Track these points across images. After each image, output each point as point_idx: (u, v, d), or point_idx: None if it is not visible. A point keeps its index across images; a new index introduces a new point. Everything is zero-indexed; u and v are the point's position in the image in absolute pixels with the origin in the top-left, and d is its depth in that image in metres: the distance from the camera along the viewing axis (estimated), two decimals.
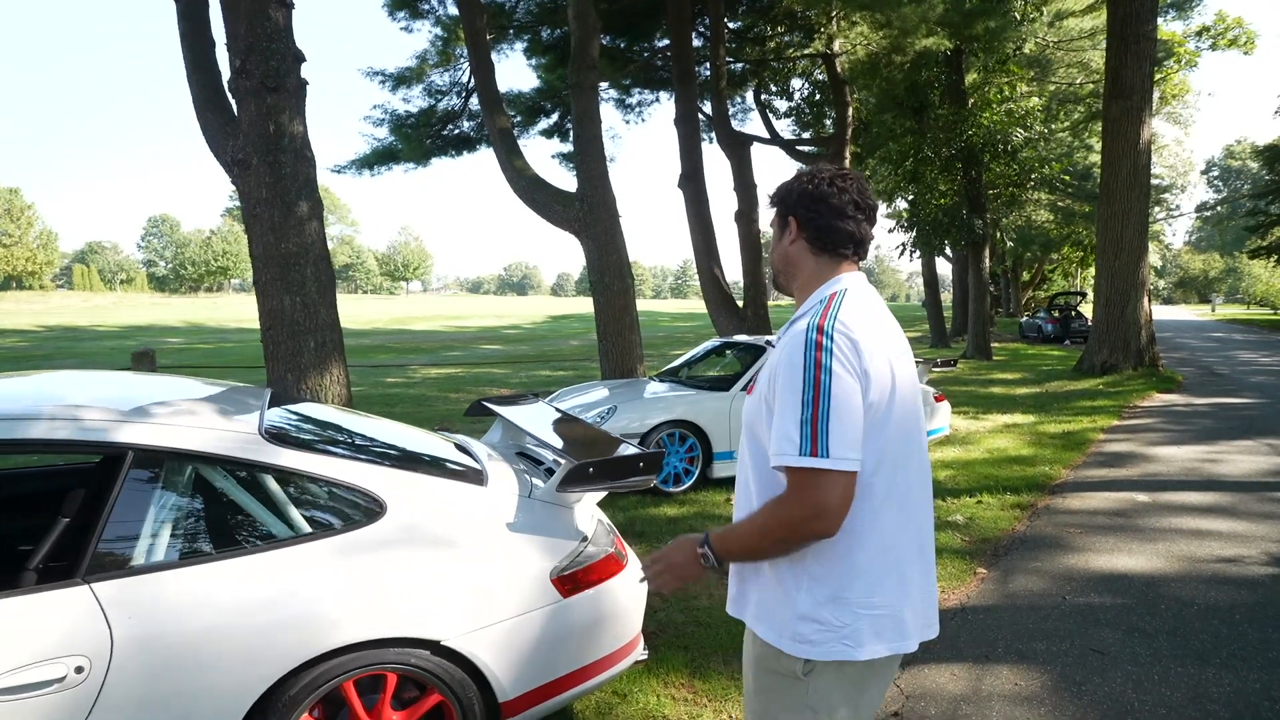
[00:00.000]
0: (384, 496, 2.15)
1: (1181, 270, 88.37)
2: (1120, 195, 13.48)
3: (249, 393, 2.64)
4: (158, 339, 24.79)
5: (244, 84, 5.62)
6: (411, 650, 2.00)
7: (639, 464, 2.41)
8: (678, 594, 3.72)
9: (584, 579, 2.32)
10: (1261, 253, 34.17)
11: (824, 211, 1.46)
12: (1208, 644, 3.16)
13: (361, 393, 12.04)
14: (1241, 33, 27.02)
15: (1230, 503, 5.29)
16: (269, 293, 5.66)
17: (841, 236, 1.46)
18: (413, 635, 1.98)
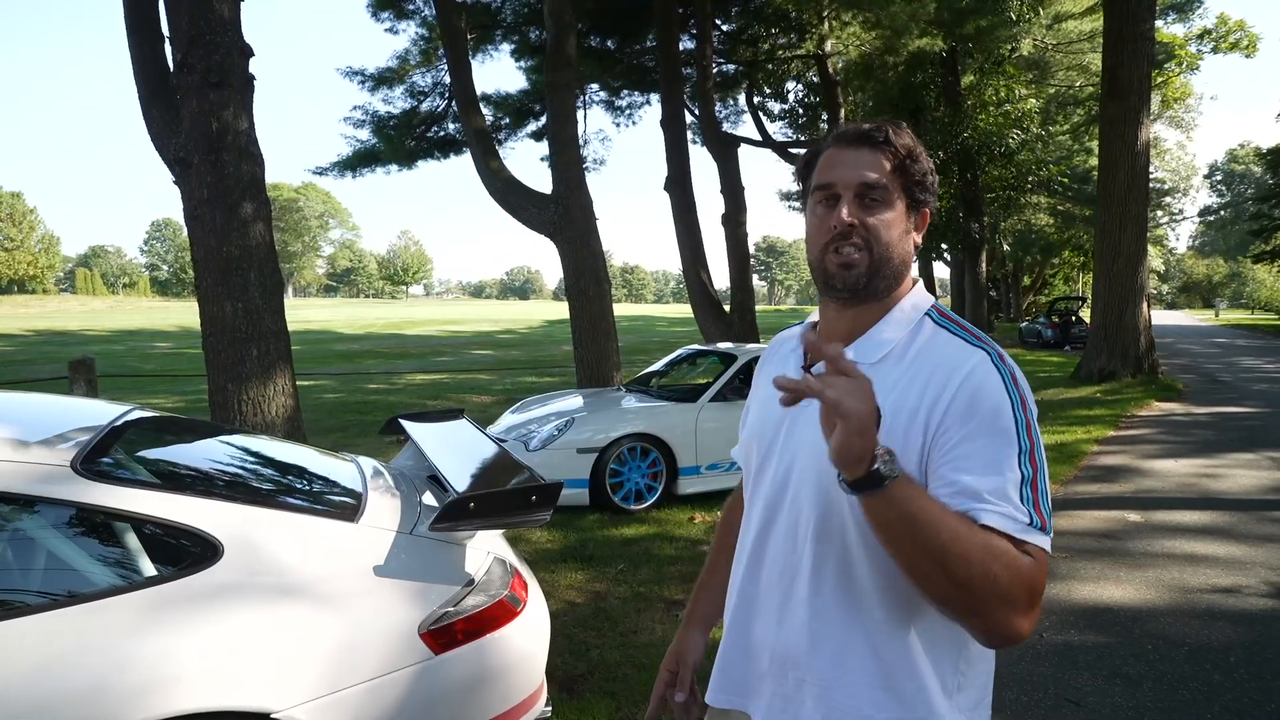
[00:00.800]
0: (220, 538, 1.83)
1: (1185, 275, 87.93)
2: (1118, 199, 13.14)
3: (104, 414, 2.33)
4: (146, 344, 24.55)
5: (186, 79, 5.35)
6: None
7: (531, 499, 2.09)
8: (621, 627, 3.40)
9: (463, 631, 2.00)
10: (1266, 257, 33.78)
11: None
12: (1199, 695, 2.82)
13: (338, 400, 11.75)
14: (1243, 35, 26.73)
15: (1228, 523, 4.95)
16: (210, 298, 5.37)
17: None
18: (233, 708, 1.66)
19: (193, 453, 2.39)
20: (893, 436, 0.94)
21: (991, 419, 0.93)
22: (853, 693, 0.99)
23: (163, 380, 14.43)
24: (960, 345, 1.01)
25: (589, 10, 13.62)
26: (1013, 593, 0.86)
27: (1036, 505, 0.91)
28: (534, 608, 2.27)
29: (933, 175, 1.09)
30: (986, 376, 0.96)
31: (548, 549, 4.53)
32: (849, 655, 1.00)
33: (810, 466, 1.03)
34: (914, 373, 1.00)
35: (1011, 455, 0.91)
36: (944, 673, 0.99)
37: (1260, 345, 24.53)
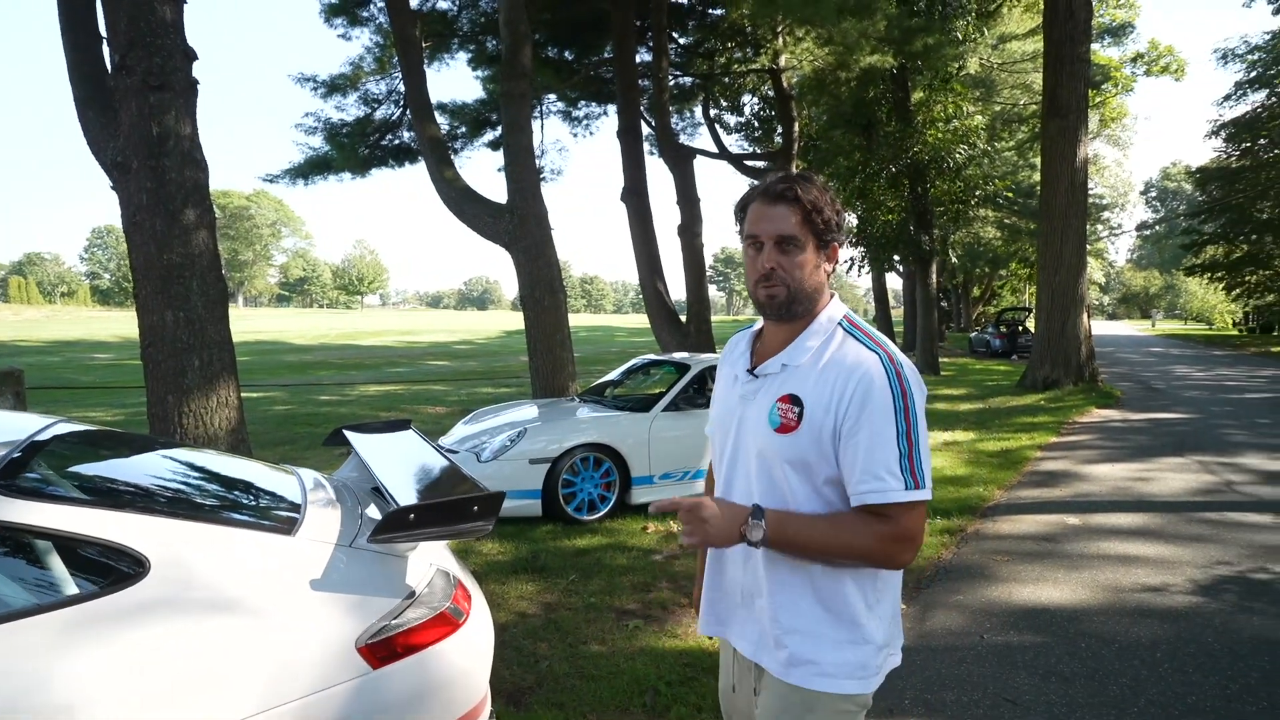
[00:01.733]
0: (147, 553, 1.77)
1: (1124, 287, 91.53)
2: (1059, 212, 13.67)
3: (26, 427, 2.24)
4: (84, 355, 23.60)
5: (124, 81, 5.21)
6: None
7: (473, 508, 2.07)
8: (569, 641, 3.39)
9: (403, 644, 1.96)
10: (1196, 270, 35.39)
11: (845, 240, 1.46)
12: (1126, 690, 2.93)
13: (287, 411, 11.47)
14: (1172, 60, 28.15)
15: (1159, 524, 5.16)
16: (149, 307, 5.21)
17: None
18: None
19: (122, 466, 2.31)
20: (812, 425, 1.31)
21: (876, 409, 1.27)
22: (798, 612, 1.36)
23: (101, 393, 13.90)
24: (860, 350, 1.33)
25: (546, 21, 13.65)
26: (882, 548, 1.28)
27: (913, 472, 1.26)
28: (477, 620, 2.24)
29: (838, 216, 1.39)
30: (877, 375, 1.29)
31: (499, 560, 4.48)
32: (794, 587, 1.36)
33: (752, 451, 1.40)
34: (826, 374, 1.33)
35: (891, 437, 1.26)
36: (865, 593, 1.35)
37: (1192, 354, 25.68)
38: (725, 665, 1.61)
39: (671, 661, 3.16)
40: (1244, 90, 29.59)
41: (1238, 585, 3.99)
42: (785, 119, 16.01)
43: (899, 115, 17.25)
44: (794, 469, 1.34)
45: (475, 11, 14.03)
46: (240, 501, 2.23)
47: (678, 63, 16.78)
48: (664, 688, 2.93)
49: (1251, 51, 28.82)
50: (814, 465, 1.32)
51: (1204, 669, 3.08)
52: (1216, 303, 52.97)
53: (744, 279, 1.47)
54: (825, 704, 1.34)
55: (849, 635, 1.34)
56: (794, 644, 1.36)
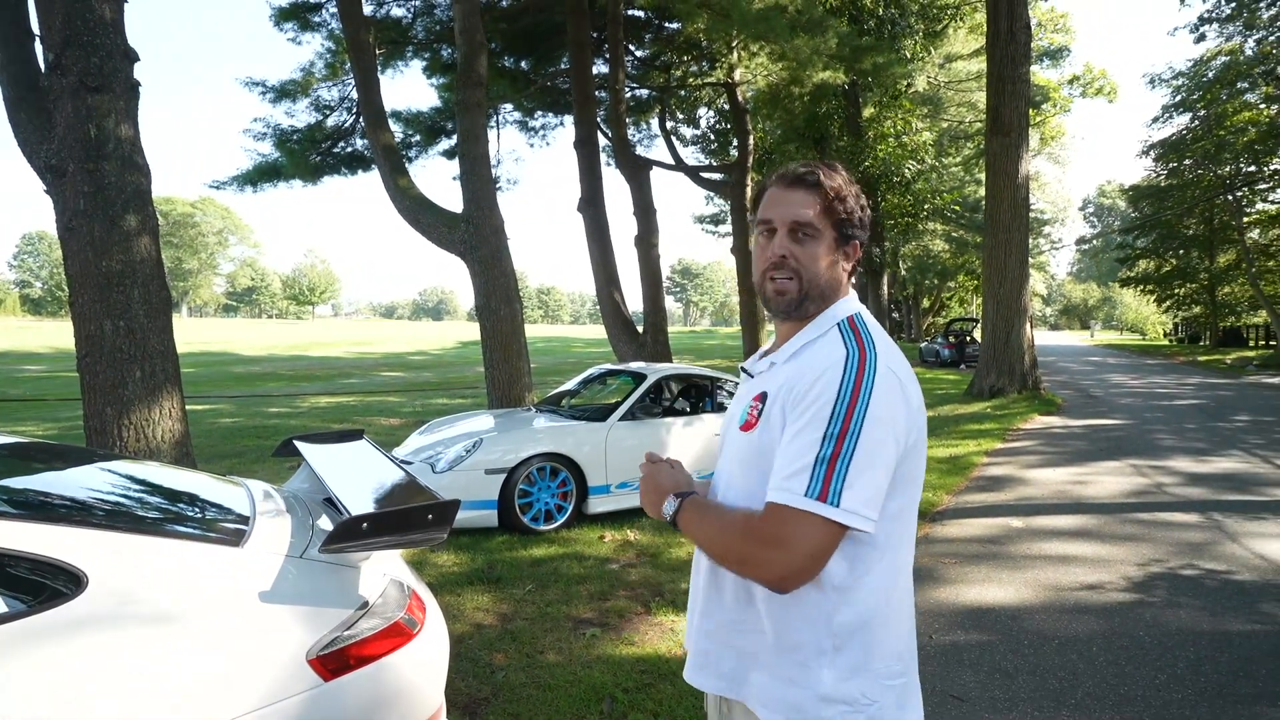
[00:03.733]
0: (84, 568, 1.71)
1: (1065, 299, 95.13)
2: (1003, 226, 14.16)
3: None
4: (13, 366, 22.52)
5: (60, 81, 5.04)
6: None
7: (427, 516, 2.06)
8: (520, 650, 3.37)
9: (355, 656, 1.93)
10: (1130, 283, 37.02)
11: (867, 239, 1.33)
12: (1065, 683, 3.04)
13: (234, 424, 11.13)
14: (1106, 83, 29.57)
15: (1096, 525, 5.37)
16: (86, 316, 5.03)
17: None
18: None
19: (55, 479, 2.23)
20: (768, 421, 1.18)
21: (814, 405, 1.12)
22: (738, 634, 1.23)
23: (32, 406, 13.28)
24: (836, 346, 1.18)
25: (503, 31, 13.66)
26: (758, 559, 1.10)
27: (825, 479, 1.07)
28: (431, 630, 2.22)
29: (862, 212, 1.26)
30: (831, 373, 1.13)
31: (454, 572, 4.43)
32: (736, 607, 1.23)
33: (727, 457, 1.30)
34: (794, 368, 1.20)
35: (817, 437, 1.09)
36: (819, 633, 1.16)
37: (1127, 363, 26.80)
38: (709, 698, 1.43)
39: (629, 669, 3.17)
40: (1170, 113, 31.16)
41: (1167, 581, 4.18)
42: (741, 132, 16.28)
43: (850, 130, 17.73)
44: (751, 469, 1.20)
45: (430, 19, 13.97)
46: (185, 513, 2.17)
47: (635, 75, 16.95)
48: (621, 695, 2.94)
49: (1176, 77, 30.40)
50: (763, 464, 1.17)
51: (1136, 661, 3.22)
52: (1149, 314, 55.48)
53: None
54: None
55: (790, 673, 1.16)
56: (730, 660, 1.24)
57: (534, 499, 5.22)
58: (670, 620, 3.69)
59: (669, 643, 3.43)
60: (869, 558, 1.16)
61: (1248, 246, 30.03)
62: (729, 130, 19.48)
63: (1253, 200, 30.34)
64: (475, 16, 8.62)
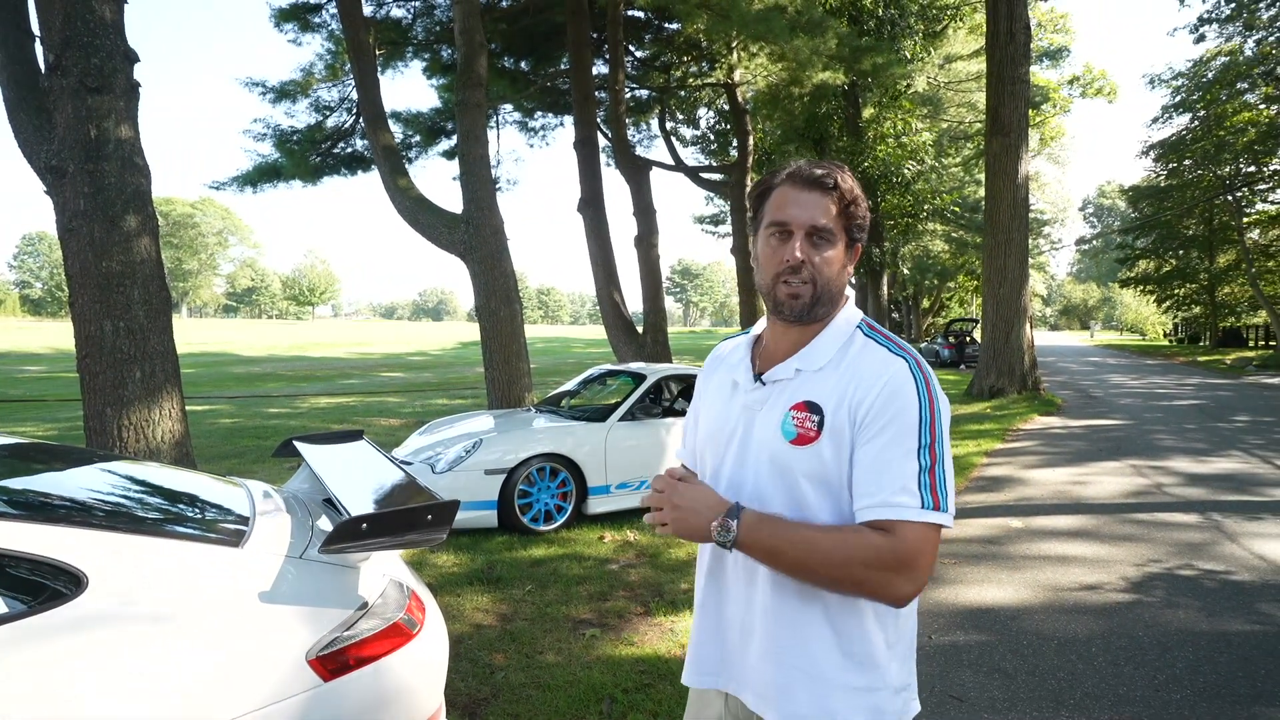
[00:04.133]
0: (84, 568, 1.72)
1: (1065, 299, 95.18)
2: (1003, 226, 14.17)
3: None
4: (14, 367, 22.52)
5: (60, 82, 5.04)
6: None
7: (427, 517, 2.06)
8: (524, 647, 3.37)
9: (355, 656, 1.94)
10: (1129, 283, 37.03)
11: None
12: (1064, 683, 3.05)
13: (234, 424, 11.13)
14: (1105, 83, 29.59)
15: (1095, 526, 5.38)
16: (86, 316, 5.03)
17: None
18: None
19: (55, 479, 2.23)
20: (834, 434, 1.16)
21: (901, 418, 1.13)
22: (807, 653, 1.18)
23: (32, 406, 13.28)
24: (885, 354, 1.20)
25: (503, 32, 13.66)
26: (877, 572, 1.08)
27: (933, 490, 1.10)
28: (431, 630, 2.22)
29: (865, 215, 1.25)
30: (904, 382, 1.15)
31: (454, 572, 4.43)
32: (806, 625, 1.18)
33: (764, 466, 1.22)
34: (848, 377, 1.19)
35: (912, 450, 1.11)
36: (885, 629, 1.19)
37: (1127, 364, 26.81)
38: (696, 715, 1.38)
39: (628, 669, 3.17)
40: (1170, 114, 31.18)
41: (1166, 582, 4.19)
42: (740, 132, 16.29)
43: (850, 130, 17.73)
44: (814, 484, 1.17)
45: (430, 20, 13.97)
46: (185, 514, 2.18)
47: (635, 75, 16.97)
48: (620, 695, 2.94)
49: (1176, 77, 30.41)
50: (835, 481, 1.16)
51: (1135, 661, 3.23)
52: (1149, 315, 55.48)
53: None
54: None
55: (866, 680, 1.17)
56: (805, 693, 1.17)
57: (534, 499, 5.23)
58: (669, 621, 3.69)
59: (668, 643, 3.43)
60: None
61: (1247, 247, 30.05)
62: (729, 131, 19.49)
63: (1252, 200, 30.35)
64: (475, 17, 8.63)
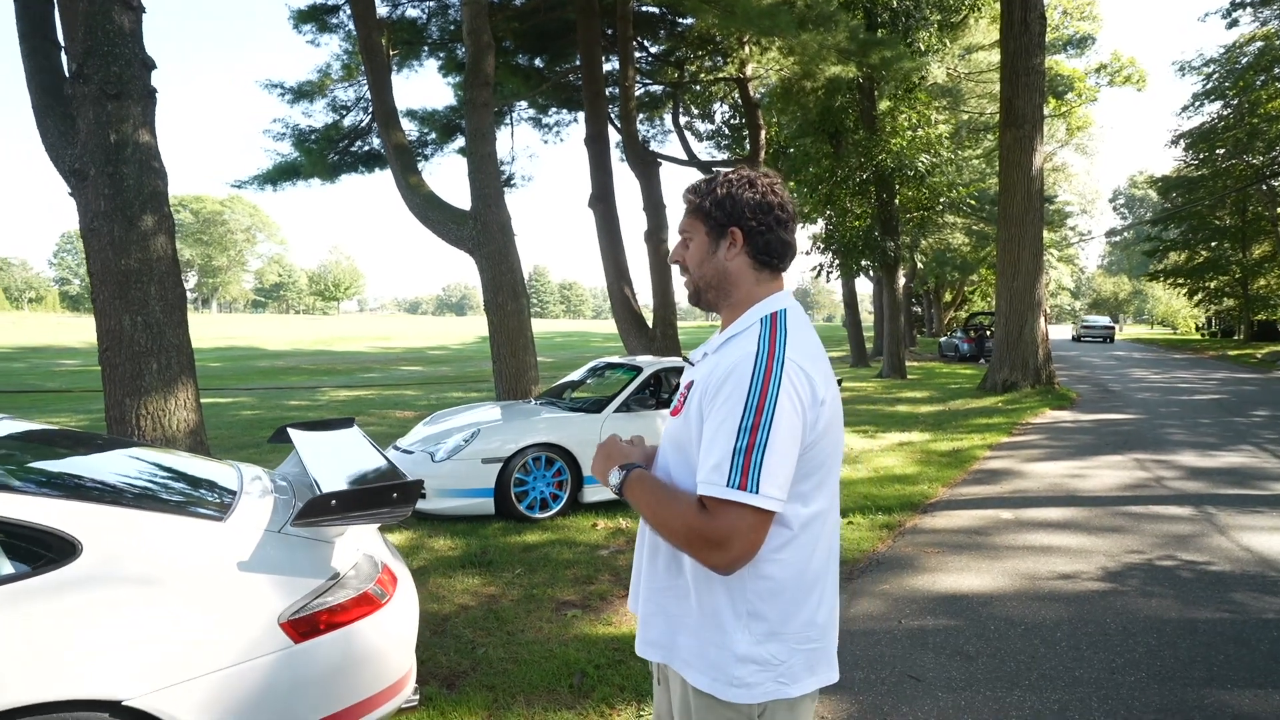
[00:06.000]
0: (79, 536, 1.92)
1: (1094, 292, 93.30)
2: (1016, 219, 14.06)
3: None
4: (50, 360, 23.29)
5: (82, 89, 5.29)
6: (84, 716, 1.76)
7: (392, 495, 2.23)
8: (491, 628, 3.54)
9: (325, 621, 2.12)
10: (1159, 276, 36.30)
11: (772, 223, 1.36)
12: (1022, 665, 3.15)
13: (254, 416, 11.48)
14: (1134, 71, 28.97)
15: (1084, 517, 5.42)
16: (107, 312, 5.29)
17: (785, 249, 1.39)
18: (82, 697, 1.75)
19: (62, 459, 2.44)
20: (689, 407, 1.33)
21: (731, 397, 1.23)
22: (668, 598, 1.36)
23: (65, 398, 13.78)
24: (749, 342, 1.29)
25: (516, 30, 13.82)
26: (692, 545, 1.23)
27: (744, 470, 1.18)
28: (400, 601, 2.40)
29: (731, 202, 1.35)
30: (743, 367, 1.24)
31: (450, 555, 4.62)
32: (669, 573, 1.37)
33: (661, 451, 1.42)
34: (715, 361, 1.33)
35: (732, 429, 1.20)
36: (734, 601, 1.28)
37: (1153, 358, 26.36)
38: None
39: (603, 647, 3.33)
40: (1201, 101, 30.48)
41: (1143, 572, 4.25)
42: (752, 127, 16.32)
43: (865, 124, 17.62)
44: (675, 450, 1.35)
45: (444, 19, 14.17)
46: (175, 491, 2.37)
47: (648, 70, 17.04)
48: (592, 670, 3.10)
49: (1207, 64, 29.72)
50: (688, 449, 1.31)
51: (1097, 646, 3.31)
52: (1180, 307, 54.29)
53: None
54: (697, 703, 1.31)
55: (709, 635, 1.30)
56: (661, 625, 1.37)
57: (529, 487, 5.40)
58: None
59: None
60: (782, 535, 1.27)
61: None
62: (740, 125, 19.48)
63: None
64: (482, 17, 8.80)
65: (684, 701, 1.35)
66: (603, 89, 12.82)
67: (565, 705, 2.85)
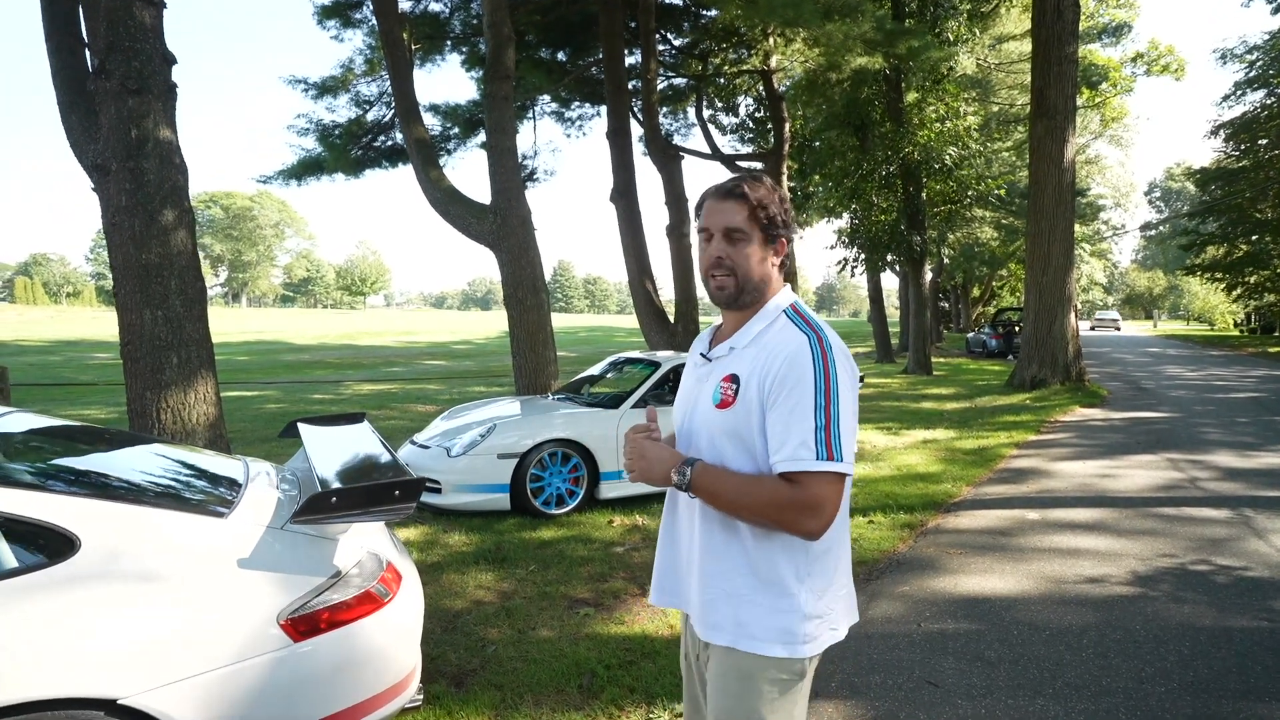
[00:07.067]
0: (78, 532, 1.90)
1: (1129, 287, 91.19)
2: (1047, 212, 13.73)
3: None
4: (85, 354, 23.83)
5: (104, 85, 5.34)
6: (78, 714, 1.75)
7: (394, 492, 2.19)
8: (490, 621, 3.51)
9: (326, 620, 2.09)
10: (1196, 270, 35.34)
11: (792, 237, 1.55)
12: (1046, 673, 3.04)
13: (279, 409, 11.62)
14: (1173, 60, 28.13)
15: (1113, 519, 5.26)
16: (128, 306, 5.34)
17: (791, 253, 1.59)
18: (76, 695, 1.73)
19: (68, 455, 2.44)
20: (745, 399, 1.42)
21: (800, 384, 1.37)
22: (727, 577, 1.46)
23: (97, 390, 14.07)
24: (794, 332, 1.44)
25: (538, 23, 13.79)
26: (787, 516, 1.36)
27: (828, 445, 1.35)
28: (404, 599, 2.36)
29: (785, 215, 1.52)
30: (802, 354, 1.40)
31: (464, 551, 4.60)
32: (727, 555, 1.46)
33: (702, 427, 1.50)
34: (758, 353, 1.45)
35: (809, 411, 1.36)
36: (796, 564, 1.43)
37: (1188, 355, 25.67)
38: (684, 634, 1.69)
39: (615, 647, 3.28)
40: (1243, 90, 29.54)
41: (1175, 576, 4.09)
42: (776, 120, 16.14)
43: (892, 116, 17.32)
44: (729, 440, 1.44)
45: (466, 13, 14.19)
46: (178, 487, 2.35)
47: (671, 64, 16.92)
48: (602, 670, 3.05)
49: (1250, 51, 28.79)
50: (746, 437, 1.42)
51: (1125, 654, 3.19)
52: (1218, 303, 52.82)
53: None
54: (757, 668, 1.42)
55: (775, 603, 1.42)
56: (725, 608, 1.45)
57: (545, 483, 5.37)
58: None
59: (657, 623, 3.53)
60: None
61: None
62: (765, 118, 19.27)
63: None
64: (502, 10, 8.77)
65: (739, 672, 1.44)
66: (625, 82, 12.74)
67: (574, 706, 2.81)
